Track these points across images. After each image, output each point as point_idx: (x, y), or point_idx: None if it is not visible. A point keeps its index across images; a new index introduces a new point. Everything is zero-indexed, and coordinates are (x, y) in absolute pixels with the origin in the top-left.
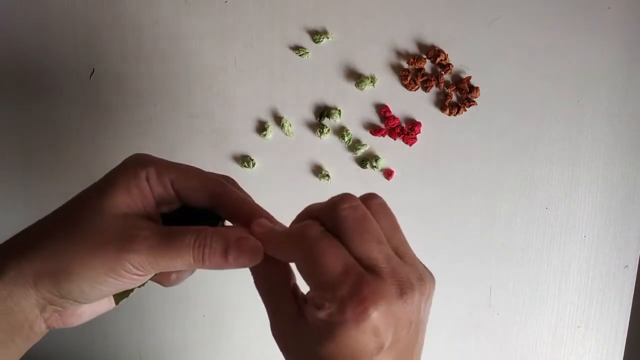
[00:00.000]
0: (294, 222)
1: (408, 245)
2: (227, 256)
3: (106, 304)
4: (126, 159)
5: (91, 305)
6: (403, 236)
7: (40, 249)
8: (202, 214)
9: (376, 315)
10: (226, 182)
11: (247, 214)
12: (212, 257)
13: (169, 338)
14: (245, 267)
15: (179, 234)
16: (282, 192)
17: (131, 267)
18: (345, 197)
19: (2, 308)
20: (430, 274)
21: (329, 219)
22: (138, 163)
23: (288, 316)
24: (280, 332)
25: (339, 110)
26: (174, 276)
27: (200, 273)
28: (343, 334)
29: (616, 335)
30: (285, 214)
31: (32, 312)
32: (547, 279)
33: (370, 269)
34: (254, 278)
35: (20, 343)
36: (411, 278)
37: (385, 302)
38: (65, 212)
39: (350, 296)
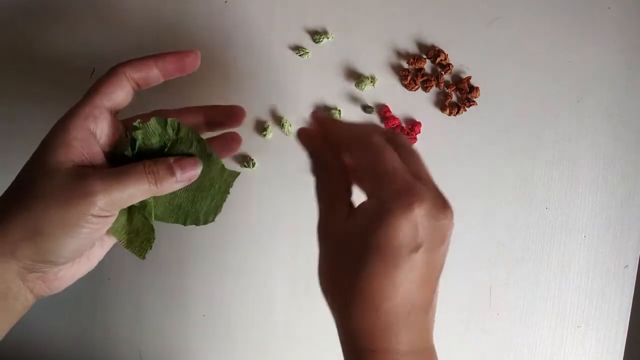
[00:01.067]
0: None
1: None
2: (174, 173)
3: (85, 265)
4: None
5: (71, 267)
6: None
7: (11, 220)
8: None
9: (419, 212)
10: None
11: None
12: (163, 178)
13: (169, 338)
14: (190, 181)
15: (130, 167)
16: (282, 192)
17: (98, 209)
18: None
19: None
20: None
21: (392, 140)
22: (63, 119)
23: (341, 215)
24: (331, 227)
25: (339, 110)
26: None
27: (200, 273)
28: (390, 220)
29: (616, 335)
30: (285, 213)
31: (14, 283)
32: (547, 279)
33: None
34: (317, 183)
35: (5, 315)
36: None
37: (429, 205)
38: (20, 184)
39: (403, 189)
